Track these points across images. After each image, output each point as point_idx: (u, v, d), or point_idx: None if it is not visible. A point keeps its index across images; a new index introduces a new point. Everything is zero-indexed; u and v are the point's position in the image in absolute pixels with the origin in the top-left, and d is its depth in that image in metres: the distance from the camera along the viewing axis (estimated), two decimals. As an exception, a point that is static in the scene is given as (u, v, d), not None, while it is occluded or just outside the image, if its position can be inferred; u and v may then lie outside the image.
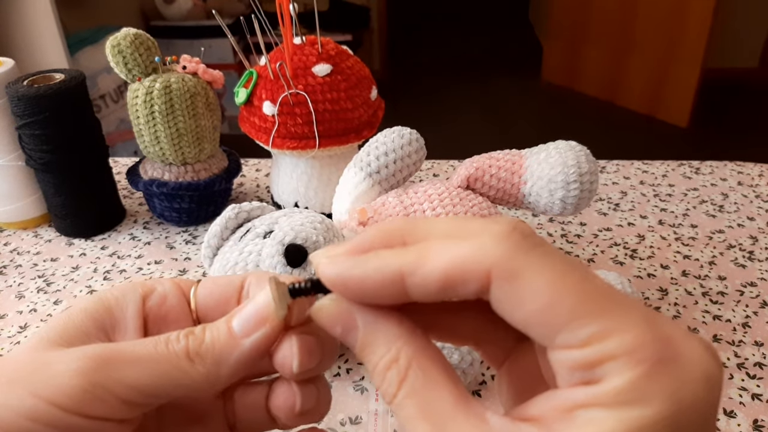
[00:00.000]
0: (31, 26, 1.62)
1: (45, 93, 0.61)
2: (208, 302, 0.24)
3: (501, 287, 0.18)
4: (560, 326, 0.17)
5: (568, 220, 0.70)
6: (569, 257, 0.19)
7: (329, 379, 0.49)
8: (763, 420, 0.46)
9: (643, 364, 0.16)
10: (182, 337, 0.21)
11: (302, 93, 0.58)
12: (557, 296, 0.17)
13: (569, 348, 0.17)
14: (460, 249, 0.18)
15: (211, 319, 0.23)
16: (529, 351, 0.22)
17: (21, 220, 0.71)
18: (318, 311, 0.21)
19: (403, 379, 0.19)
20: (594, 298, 0.17)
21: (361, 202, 0.50)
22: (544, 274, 0.17)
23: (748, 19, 2.89)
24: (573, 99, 2.93)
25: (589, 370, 0.17)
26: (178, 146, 0.66)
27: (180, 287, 0.24)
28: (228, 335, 0.21)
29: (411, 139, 0.50)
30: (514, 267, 0.17)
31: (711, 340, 0.53)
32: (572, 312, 0.17)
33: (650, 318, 0.17)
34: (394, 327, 0.20)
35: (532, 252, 0.18)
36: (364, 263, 0.19)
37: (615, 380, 0.16)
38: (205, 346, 0.21)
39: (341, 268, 0.20)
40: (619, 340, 0.16)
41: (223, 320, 0.22)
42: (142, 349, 0.21)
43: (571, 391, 0.17)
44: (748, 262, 0.63)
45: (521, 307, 0.18)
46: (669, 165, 0.82)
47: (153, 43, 0.65)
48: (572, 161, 0.47)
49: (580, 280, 0.17)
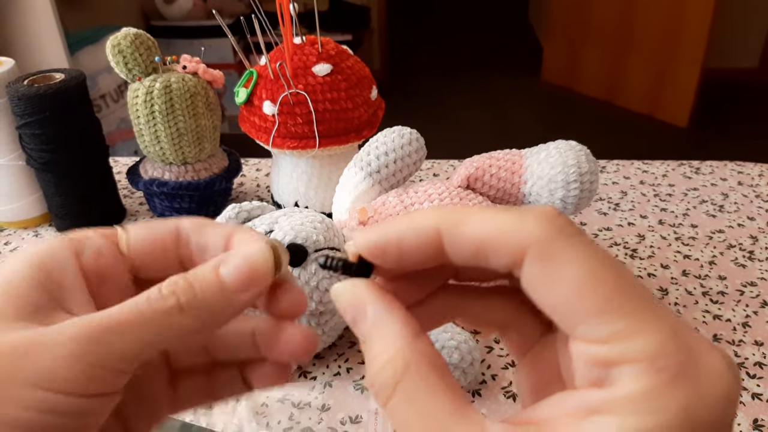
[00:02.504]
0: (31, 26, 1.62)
1: (45, 93, 0.61)
2: (142, 250, 0.23)
3: (535, 265, 0.18)
4: (585, 317, 0.17)
5: (568, 220, 0.70)
6: (610, 254, 0.18)
7: (329, 379, 0.50)
8: (763, 419, 0.46)
9: (663, 374, 0.16)
10: (168, 293, 0.20)
11: (302, 93, 0.58)
12: (588, 285, 0.17)
13: (590, 342, 0.17)
14: (500, 219, 0.18)
15: (148, 268, 0.23)
16: (552, 345, 0.21)
17: (21, 219, 0.71)
18: (335, 293, 0.21)
19: (398, 382, 0.18)
20: (625, 295, 0.17)
21: (362, 202, 0.51)
22: (580, 261, 0.17)
23: (747, 19, 2.89)
24: (573, 99, 2.93)
25: (606, 369, 0.17)
26: (178, 146, 0.66)
27: (109, 238, 0.23)
28: (219, 288, 0.21)
29: (411, 138, 0.50)
30: (551, 248, 0.17)
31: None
32: (600, 304, 0.17)
33: (678, 327, 0.17)
34: (398, 326, 0.19)
35: (573, 239, 0.18)
36: (401, 222, 0.20)
37: (630, 385, 0.16)
38: (197, 300, 0.20)
39: (379, 233, 0.20)
40: (641, 343, 0.16)
41: (209, 269, 0.21)
42: (129, 315, 0.20)
43: (583, 394, 0.17)
44: (748, 261, 0.63)
45: (551, 289, 0.17)
46: (669, 165, 0.82)
47: (153, 43, 0.65)
48: (572, 161, 0.47)
49: (614, 276, 0.17)
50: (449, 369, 0.19)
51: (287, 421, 0.46)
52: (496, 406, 0.47)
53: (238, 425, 0.45)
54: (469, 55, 3.56)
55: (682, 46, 2.48)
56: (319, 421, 0.46)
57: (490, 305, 0.22)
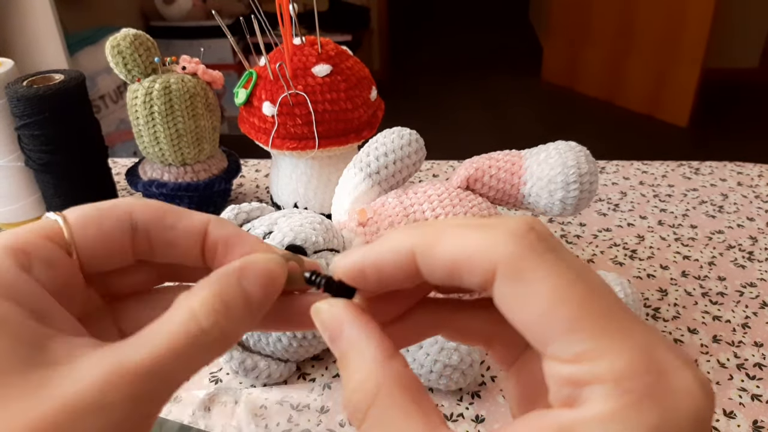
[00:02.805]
0: (30, 27, 1.62)
1: (44, 94, 0.61)
2: (89, 248, 0.20)
3: (505, 285, 0.17)
4: (554, 336, 0.17)
5: (568, 221, 0.70)
6: (585, 268, 0.18)
7: (328, 381, 0.49)
8: (763, 420, 0.46)
9: (630, 395, 0.16)
10: (210, 325, 0.18)
11: (302, 93, 0.58)
12: (557, 305, 0.17)
13: (560, 361, 0.17)
14: (470, 238, 0.18)
15: (97, 264, 0.20)
16: (537, 357, 0.21)
17: (20, 220, 0.71)
18: (314, 312, 0.21)
19: (370, 405, 0.18)
20: (596, 314, 0.17)
21: (361, 203, 0.50)
22: (550, 280, 0.17)
23: (748, 19, 2.89)
24: (573, 99, 2.93)
25: (576, 388, 0.16)
26: (177, 147, 0.66)
27: (53, 241, 0.20)
28: (246, 304, 0.20)
29: (411, 139, 0.50)
30: (521, 267, 0.17)
31: (711, 341, 0.53)
32: (568, 324, 0.17)
33: (649, 345, 0.17)
34: (372, 348, 0.19)
35: (544, 256, 0.17)
36: (378, 245, 0.20)
37: (598, 406, 0.16)
38: (233, 324, 0.19)
39: (356, 257, 0.20)
40: (609, 363, 0.16)
41: (234, 283, 0.20)
42: (167, 355, 0.17)
43: (557, 414, 0.17)
44: (748, 262, 0.63)
45: (521, 308, 0.17)
46: (669, 165, 0.82)
47: (152, 44, 0.65)
48: (572, 162, 0.47)
49: (586, 293, 0.17)
50: (425, 388, 0.19)
51: (286, 423, 0.46)
52: (495, 407, 0.47)
53: (237, 427, 0.45)
54: (469, 55, 3.56)
55: (683, 46, 2.48)
56: (318, 423, 0.46)
57: (473, 318, 0.22)
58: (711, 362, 0.51)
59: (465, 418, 0.46)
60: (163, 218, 0.21)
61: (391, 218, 0.48)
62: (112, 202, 0.21)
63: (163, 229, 0.21)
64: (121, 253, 0.21)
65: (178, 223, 0.21)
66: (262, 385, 0.49)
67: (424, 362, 0.45)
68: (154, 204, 0.21)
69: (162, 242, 0.21)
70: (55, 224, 0.20)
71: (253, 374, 0.47)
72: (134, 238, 0.21)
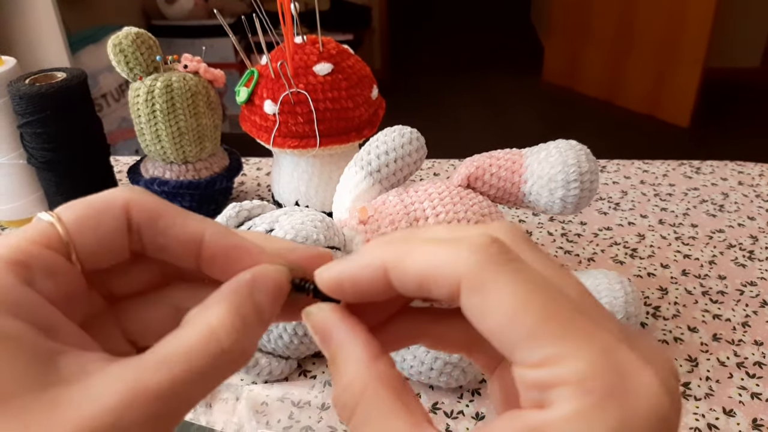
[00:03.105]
0: (32, 25, 1.62)
1: (46, 92, 0.61)
2: (86, 249, 0.20)
3: (469, 296, 0.18)
4: (518, 343, 0.17)
5: (569, 220, 0.70)
6: (550, 274, 0.19)
7: (329, 378, 0.50)
8: (763, 419, 0.46)
9: (591, 395, 0.16)
10: (231, 344, 0.18)
11: (303, 92, 0.58)
12: (518, 314, 0.17)
13: (525, 366, 0.17)
14: (436, 253, 0.19)
15: (93, 263, 0.20)
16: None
17: (22, 218, 0.71)
18: (306, 316, 0.22)
19: (357, 404, 0.19)
20: (556, 320, 0.17)
21: (362, 201, 0.51)
22: (510, 290, 0.17)
23: (748, 19, 2.89)
24: (573, 99, 2.93)
25: (542, 392, 0.17)
26: (179, 145, 0.66)
27: (52, 247, 0.19)
28: (258, 317, 0.20)
29: (411, 138, 0.51)
30: (482, 278, 0.18)
31: (711, 339, 0.53)
32: (530, 331, 0.17)
33: (610, 347, 0.17)
34: (358, 350, 0.20)
35: (504, 267, 0.18)
36: (353, 260, 0.20)
37: (563, 407, 0.16)
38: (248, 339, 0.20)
39: (334, 271, 0.21)
40: (571, 366, 0.17)
41: (247, 297, 0.20)
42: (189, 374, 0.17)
43: (527, 414, 0.17)
44: (748, 261, 0.63)
45: (486, 318, 0.18)
46: (669, 164, 0.82)
47: (154, 42, 0.65)
48: (572, 160, 0.47)
49: (547, 301, 0.17)
50: (410, 387, 0.20)
51: (287, 419, 0.46)
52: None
53: (238, 424, 0.45)
54: (470, 54, 3.56)
55: (683, 45, 2.48)
56: (319, 420, 0.46)
57: (452, 327, 0.23)
58: (711, 361, 0.51)
59: (465, 416, 0.46)
60: (157, 220, 0.21)
61: (392, 216, 0.48)
62: (107, 199, 0.20)
63: (155, 234, 0.21)
64: (120, 250, 0.21)
65: (170, 229, 0.21)
66: (263, 381, 0.49)
67: (425, 359, 0.45)
68: (150, 203, 0.21)
69: (153, 245, 0.21)
70: (50, 228, 0.19)
71: (254, 371, 0.48)
72: (130, 237, 0.21)
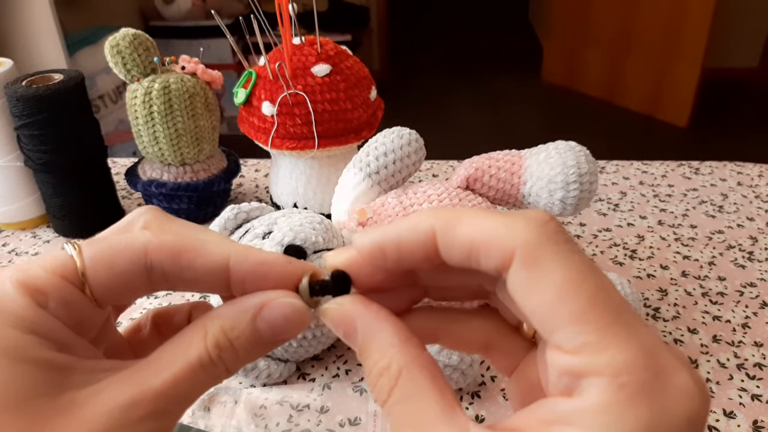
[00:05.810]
0: (29, 26, 1.62)
1: (44, 93, 0.61)
2: (102, 286, 0.20)
3: (520, 270, 0.18)
4: (561, 324, 0.17)
5: (568, 221, 0.70)
6: (593, 264, 0.18)
7: (328, 381, 0.49)
8: (763, 421, 0.46)
9: (624, 390, 0.16)
10: (216, 359, 0.20)
11: (301, 93, 0.57)
12: (568, 294, 0.17)
13: (563, 350, 0.17)
14: (492, 222, 0.19)
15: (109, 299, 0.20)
16: (535, 364, 0.22)
17: (19, 220, 0.71)
18: (323, 314, 0.21)
19: (393, 387, 0.19)
20: (602, 308, 0.17)
21: (361, 203, 0.50)
22: (564, 270, 0.17)
23: (747, 19, 2.89)
24: (573, 99, 2.93)
25: (575, 379, 0.17)
26: (176, 147, 0.66)
27: (68, 280, 0.20)
28: (256, 339, 0.21)
29: (410, 139, 0.50)
30: (537, 254, 0.18)
31: (711, 341, 0.53)
32: (576, 314, 0.17)
33: (651, 344, 0.17)
34: (388, 335, 0.20)
35: (560, 246, 0.18)
36: (399, 224, 0.20)
37: (594, 398, 0.16)
38: (239, 358, 0.21)
39: (377, 234, 0.20)
40: (608, 357, 0.16)
41: (249, 321, 0.20)
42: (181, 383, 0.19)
43: (555, 402, 0.17)
44: (748, 262, 0.63)
45: (533, 293, 0.18)
46: (668, 165, 0.82)
47: (152, 44, 0.65)
48: (572, 162, 0.47)
49: (596, 288, 0.17)
50: (440, 370, 0.20)
51: (286, 423, 0.45)
52: (495, 407, 0.47)
53: (237, 427, 0.45)
54: (469, 55, 3.56)
55: (682, 46, 2.48)
56: (318, 423, 0.46)
57: (470, 327, 0.23)
58: (711, 362, 0.51)
59: (465, 419, 0.46)
60: (179, 258, 0.21)
61: (391, 218, 0.47)
62: (126, 241, 0.21)
63: (180, 270, 0.21)
64: (136, 289, 0.21)
65: (195, 262, 0.21)
66: (261, 385, 0.49)
67: (424, 362, 0.45)
68: (168, 242, 0.21)
69: (180, 282, 0.21)
70: (68, 260, 0.20)
71: (252, 374, 0.47)
72: (150, 277, 0.21)
